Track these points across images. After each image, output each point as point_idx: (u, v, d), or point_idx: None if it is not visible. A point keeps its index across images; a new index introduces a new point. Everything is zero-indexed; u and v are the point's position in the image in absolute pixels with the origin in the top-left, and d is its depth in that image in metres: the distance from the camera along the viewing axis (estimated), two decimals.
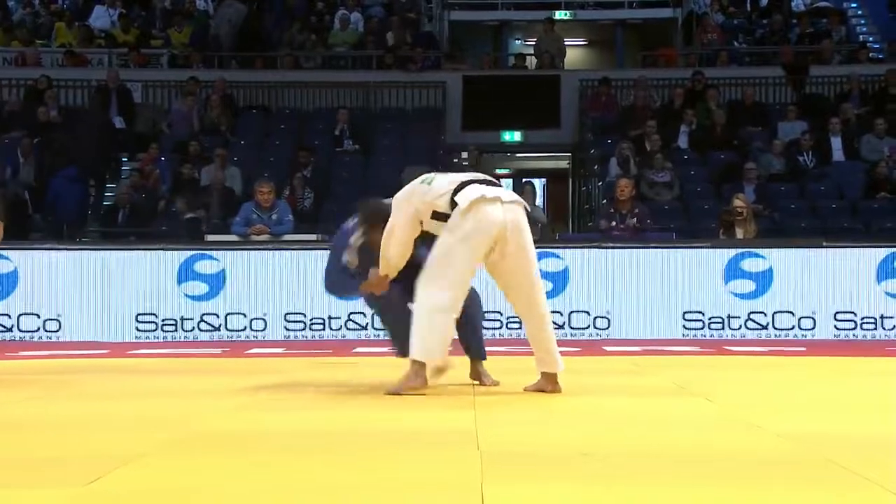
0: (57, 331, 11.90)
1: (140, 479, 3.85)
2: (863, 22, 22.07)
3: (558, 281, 11.92)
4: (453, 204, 6.14)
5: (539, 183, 20.50)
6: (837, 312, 11.81)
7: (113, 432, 5.00)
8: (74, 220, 16.13)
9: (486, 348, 6.88)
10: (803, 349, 10.65)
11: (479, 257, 6.18)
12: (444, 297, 6.12)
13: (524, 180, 16.99)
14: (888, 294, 11.80)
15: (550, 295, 11.85)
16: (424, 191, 6.26)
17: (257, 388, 6.76)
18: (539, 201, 18.16)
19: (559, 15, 22.23)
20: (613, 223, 13.31)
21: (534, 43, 21.98)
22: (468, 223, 6.09)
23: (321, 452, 4.41)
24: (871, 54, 20.43)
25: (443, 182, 6.24)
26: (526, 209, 6.40)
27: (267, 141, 18.58)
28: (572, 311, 11.92)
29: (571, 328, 11.89)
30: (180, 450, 4.49)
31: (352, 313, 11.85)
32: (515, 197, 6.31)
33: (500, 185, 6.38)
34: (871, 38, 21.45)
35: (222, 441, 4.79)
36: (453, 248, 6.13)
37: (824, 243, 12.32)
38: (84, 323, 11.87)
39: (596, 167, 17.80)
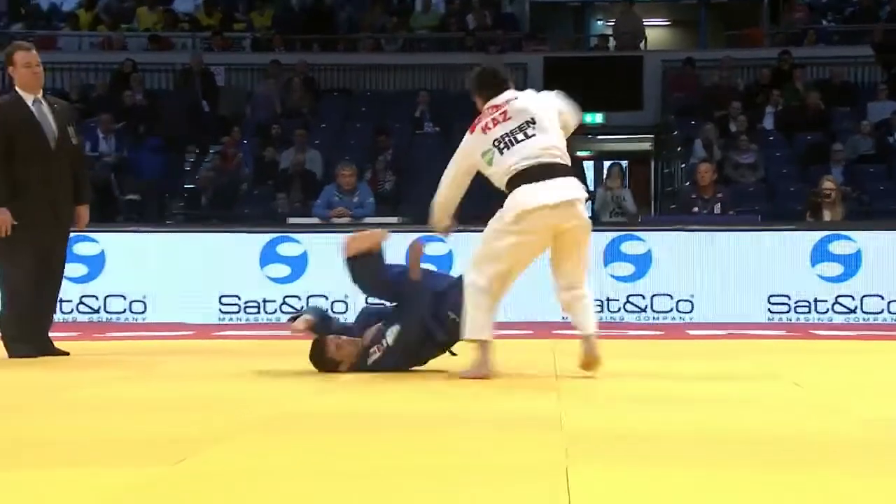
0: (143, 312, 12.09)
1: (226, 459, 3.90)
2: None
3: (641, 264, 11.85)
4: (508, 189, 6.23)
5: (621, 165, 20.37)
6: None
7: (199, 413, 5.07)
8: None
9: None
10: (893, 333, 10.49)
11: (524, 260, 6.26)
12: (481, 279, 6.22)
13: (611, 162, 16.86)
14: None
15: (633, 278, 11.84)
16: (482, 164, 6.35)
17: (339, 370, 6.81)
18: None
19: None
20: (695, 209, 13.20)
21: (613, 23, 21.83)
22: (515, 229, 6.16)
23: (404, 434, 4.44)
24: None
25: (501, 166, 6.24)
26: (591, 199, 6.43)
27: (348, 124, 18.68)
28: (655, 295, 11.85)
29: (654, 311, 11.83)
30: (266, 430, 4.55)
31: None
32: (571, 195, 6.17)
33: (561, 174, 6.22)
34: None
35: (308, 421, 4.84)
36: (497, 245, 6.22)
37: None
38: (169, 304, 12.04)
39: (679, 149, 17.65)
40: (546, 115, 6.31)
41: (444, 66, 19.57)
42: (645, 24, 21.32)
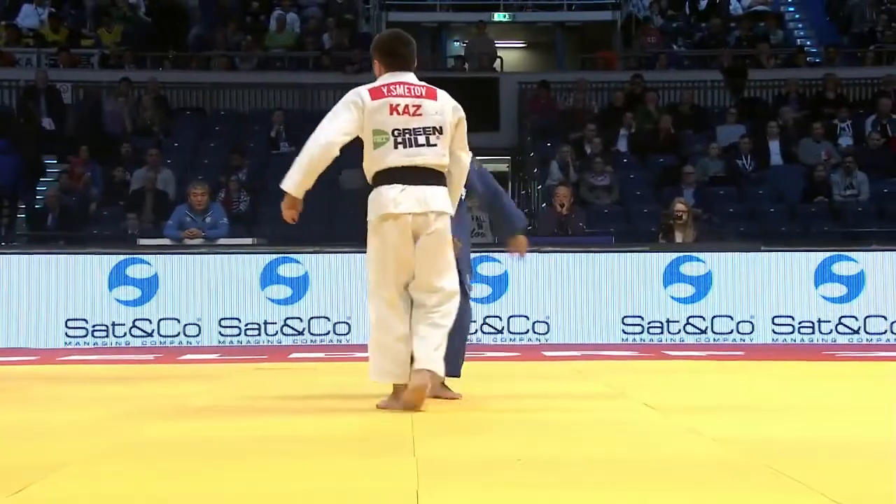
0: None
1: (67, 487, 3.80)
2: (800, 26, 22.33)
3: (497, 285, 11.94)
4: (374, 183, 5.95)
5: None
6: (775, 317, 11.94)
7: (42, 441, 4.93)
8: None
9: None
10: (742, 353, 10.75)
11: (392, 276, 5.87)
12: (372, 315, 5.95)
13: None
14: (825, 298, 11.94)
15: (490, 300, 11.90)
16: (368, 139, 5.95)
17: (189, 394, 6.70)
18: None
19: (498, 17, 22.27)
20: (552, 230, 13.36)
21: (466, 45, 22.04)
22: (374, 242, 5.91)
23: (254, 459, 4.38)
24: (808, 58, 20.69)
25: (383, 157, 5.90)
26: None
27: (202, 143, 18.45)
28: (511, 316, 11.94)
29: (511, 333, 11.92)
30: (109, 458, 4.44)
31: (288, 318, 11.79)
32: (433, 206, 5.86)
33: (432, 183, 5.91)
34: (808, 42, 21.71)
35: (153, 449, 4.74)
36: (369, 263, 5.97)
37: (762, 247, 12.45)
38: (12, 329, 11.70)
39: (535, 170, 17.86)
40: (448, 131, 5.99)
41: (301, 85, 19.50)
42: (502, 46, 21.55)
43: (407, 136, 5.90)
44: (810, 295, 11.94)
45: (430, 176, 5.92)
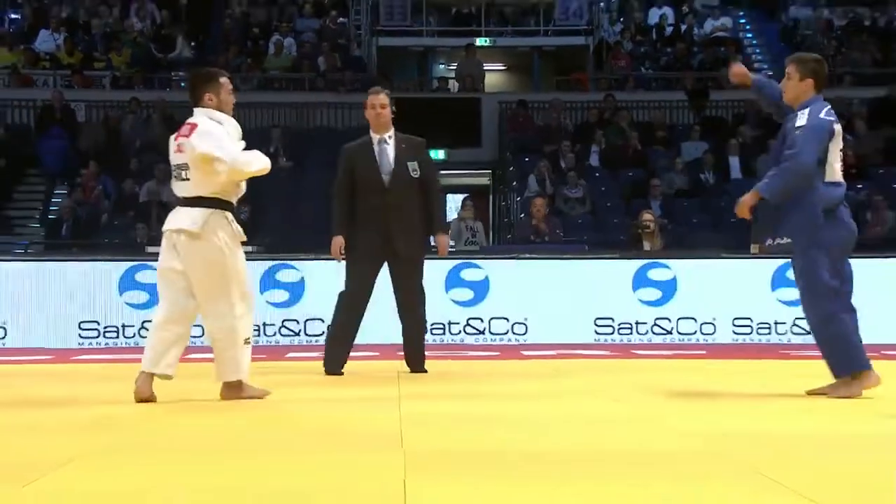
0: (3, 338, 11.64)
1: (75, 480, 3.75)
2: (758, 51, 22.38)
3: (479, 290, 11.90)
4: None
5: (458, 198, 20.52)
6: (735, 318, 11.92)
7: (52, 436, 4.88)
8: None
9: None
10: (704, 352, 10.73)
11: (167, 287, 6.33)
12: None
13: (464, 196, 16.93)
14: (781, 301, 11.93)
15: (472, 303, 11.87)
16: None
17: (192, 391, 6.65)
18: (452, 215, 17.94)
19: (480, 42, 22.27)
20: (530, 238, 13.36)
21: (455, 67, 22.03)
22: None
23: (248, 456, 4.34)
24: None
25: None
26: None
27: None
28: (492, 318, 11.91)
29: (491, 334, 11.88)
30: (116, 453, 4.39)
31: (286, 320, 11.74)
32: (177, 224, 6.13)
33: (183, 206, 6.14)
34: (765, 66, 21.76)
35: (159, 445, 4.69)
36: None
37: (724, 254, 12.45)
38: (29, 330, 11.62)
39: (514, 183, 17.86)
40: (198, 164, 6.10)
41: (297, 104, 19.50)
42: (483, 68, 21.57)
43: (173, 170, 6.22)
44: (767, 298, 11.92)
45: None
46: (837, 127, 6.30)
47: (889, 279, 11.47)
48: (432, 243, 8.35)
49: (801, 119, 6.23)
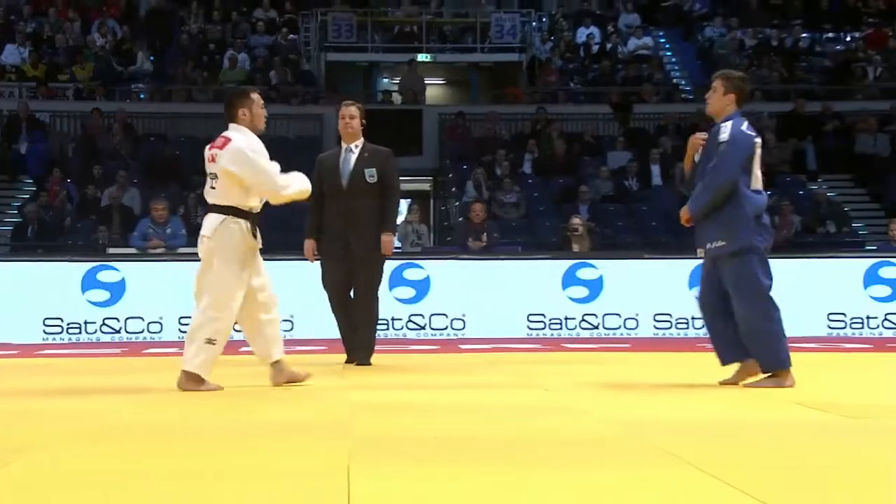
0: None
1: (43, 464, 3.73)
2: (676, 68, 22.61)
3: (421, 288, 11.92)
4: None
5: (405, 203, 20.52)
6: (656, 314, 12.05)
7: (20, 425, 4.84)
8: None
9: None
10: (628, 346, 10.84)
11: None
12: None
13: (410, 201, 17.01)
14: (697, 298, 12.05)
15: (414, 300, 11.89)
16: None
17: (152, 384, 6.61)
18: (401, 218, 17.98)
19: (421, 58, 22.27)
20: (468, 240, 13.40)
21: (398, 81, 22.03)
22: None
23: (202, 441, 4.33)
24: (683, 95, 20.98)
25: None
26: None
27: (164, 165, 18.19)
28: (433, 314, 11.94)
29: (432, 329, 11.91)
30: (80, 440, 4.36)
31: None
32: (202, 230, 6.35)
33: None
34: (683, 82, 22.00)
35: (124, 431, 4.66)
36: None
37: (646, 255, 12.58)
38: None
39: (454, 189, 17.90)
40: (222, 176, 6.27)
41: None
42: (425, 82, 21.59)
43: (208, 178, 6.37)
44: (685, 296, 12.06)
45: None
46: (758, 140, 6.37)
47: (795, 278, 11.64)
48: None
49: (724, 133, 6.32)
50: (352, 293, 8.13)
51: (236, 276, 6.17)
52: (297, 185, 6.41)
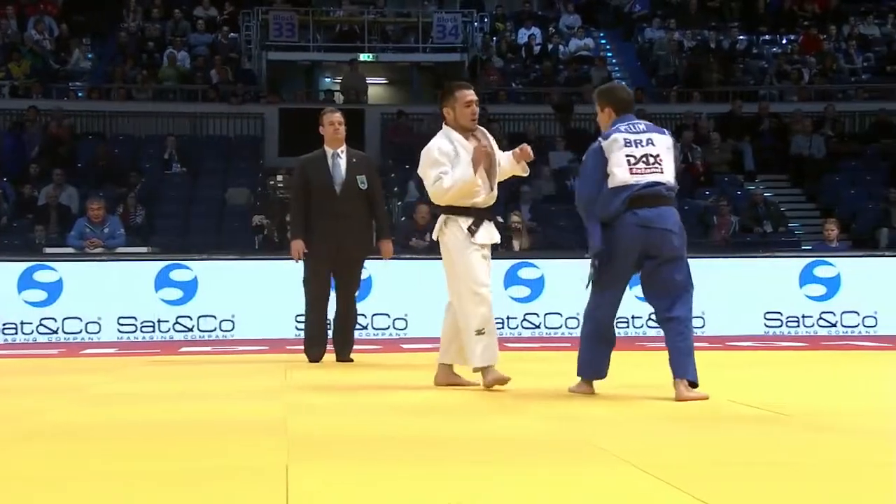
0: None
1: None
2: (617, 69, 22.80)
3: (364, 287, 11.88)
4: None
5: None
6: None
7: None
8: None
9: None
10: (569, 345, 10.89)
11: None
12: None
13: None
14: (638, 298, 12.15)
15: (357, 300, 11.84)
16: None
17: (90, 385, 6.54)
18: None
19: (363, 57, 22.24)
20: (412, 241, 13.41)
21: (340, 80, 21.98)
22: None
23: (138, 441, 4.30)
24: None
25: None
26: None
27: (103, 164, 17.99)
28: (375, 314, 11.93)
29: (374, 328, 11.90)
30: (15, 442, 4.31)
31: (179, 317, 11.57)
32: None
33: None
34: (623, 82, 22.17)
35: (67, 431, 4.61)
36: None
37: (586, 255, 12.63)
38: None
39: (395, 189, 17.89)
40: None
41: (191, 114, 19.27)
42: (367, 82, 21.56)
43: None
44: (627, 295, 12.13)
45: None
46: (616, 136, 6.04)
47: (733, 277, 11.81)
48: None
49: None
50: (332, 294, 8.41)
51: (480, 262, 6.63)
52: (454, 177, 6.50)
